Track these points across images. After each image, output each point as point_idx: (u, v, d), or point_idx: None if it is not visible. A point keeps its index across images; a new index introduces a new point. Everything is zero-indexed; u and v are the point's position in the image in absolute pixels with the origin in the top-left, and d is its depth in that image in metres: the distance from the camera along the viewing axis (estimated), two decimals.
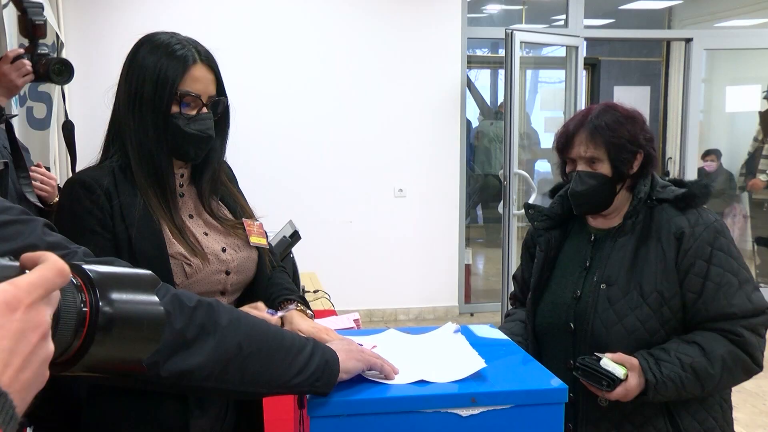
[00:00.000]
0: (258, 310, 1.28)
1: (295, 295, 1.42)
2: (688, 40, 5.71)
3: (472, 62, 7.13)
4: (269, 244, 1.49)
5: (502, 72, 5.46)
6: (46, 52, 1.96)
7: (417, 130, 5.04)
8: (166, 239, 1.27)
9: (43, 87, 3.63)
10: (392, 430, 1.04)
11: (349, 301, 3.96)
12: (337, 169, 4.96)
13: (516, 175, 4.66)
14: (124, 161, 1.28)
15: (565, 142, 1.55)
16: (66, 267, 0.53)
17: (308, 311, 1.38)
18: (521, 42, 4.76)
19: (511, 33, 4.62)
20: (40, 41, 1.95)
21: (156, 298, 0.62)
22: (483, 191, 7.83)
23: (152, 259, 1.23)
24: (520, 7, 7.49)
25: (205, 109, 1.31)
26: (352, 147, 4.98)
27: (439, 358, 1.17)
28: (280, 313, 1.32)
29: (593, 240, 1.58)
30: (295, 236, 2.26)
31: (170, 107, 1.27)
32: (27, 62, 1.94)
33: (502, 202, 4.68)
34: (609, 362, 1.38)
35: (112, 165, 1.28)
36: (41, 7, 1.94)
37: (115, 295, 0.58)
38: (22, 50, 1.96)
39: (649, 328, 1.46)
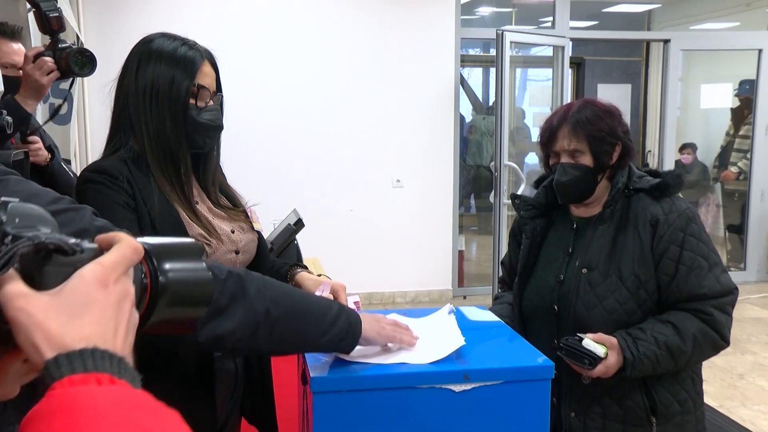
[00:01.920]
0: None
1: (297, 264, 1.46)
2: (666, 41, 5.69)
3: (465, 61, 7.08)
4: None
5: (493, 70, 5.43)
6: (67, 45, 1.80)
7: (414, 125, 5.02)
8: (185, 222, 1.27)
9: (64, 84, 3.58)
10: (390, 404, 1.04)
11: (350, 284, 3.92)
12: (338, 161, 4.95)
13: (506, 167, 4.64)
14: (135, 153, 1.27)
15: (549, 136, 1.54)
16: (139, 245, 0.56)
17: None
18: (511, 42, 4.72)
19: (502, 34, 4.59)
20: (60, 35, 1.80)
21: (204, 265, 0.64)
22: (475, 182, 7.81)
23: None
24: (510, 9, 7.44)
25: (211, 102, 1.31)
26: (353, 140, 4.96)
27: (424, 340, 1.16)
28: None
29: (575, 228, 1.58)
30: (299, 224, 2.24)
31: (188, 100, 1.27)
32: (49, 59, 1.78)
33: (493, 192, 4.66)
34: (590, 342, 1.38)
35: (123, 156, 1.26)
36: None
37: (169, 265, 0.60)
38: (41, 47, 1.82)
39: (627, 309, 1.46)
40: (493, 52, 4.82)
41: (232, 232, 1.35)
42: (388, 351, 1.11)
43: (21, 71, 1.97)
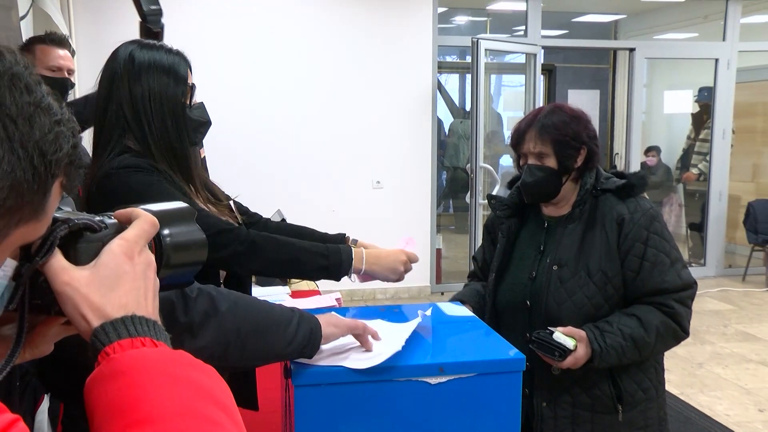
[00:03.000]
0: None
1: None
2: (632, 50, 5.76)
3: (442, 68, 7.11)
4: None
5: (469, 76, 5.46)
6: None
7: (393, 128, 5.02)
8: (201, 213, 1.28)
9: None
10: (369, 396, 1.04)
11: (332, 281, 3.94)
12: (322, 162, 4.93)
13: (482, 169, 4.67)
14: (137, 154, 1.27)
15: (517, 138, 1.57)
16: (155, 219, 0.59)
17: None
18: (486, 50, 4.75)
19: (477, 42, 4.61)
20: None
21: (197, 226, 0.67)
22: (453, 183, 7.83)
23: None
24: (485, 18, 7.48)
25: (195, 100, 1.34)
26: (335, 143, 4.95)
27: (376, 345, 1.11)
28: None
29: (546, 226, 1.60)
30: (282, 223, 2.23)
31: (185, 101, 1.30)
32: None
33: (469, 192, 4.69)
34: (560, 335, 1.39)
35: (128, 159, 1.26)
36: (161, 14, 1.88)
37: (168, 230, 0.63)
38: None
39: (595, 303, 1.48)
40: (469, 59, 4.85)
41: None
42: (337, 354, 1.08)
43: (68, 74, 2.18)
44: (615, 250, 1.48)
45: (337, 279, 1.34)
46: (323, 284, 2.99)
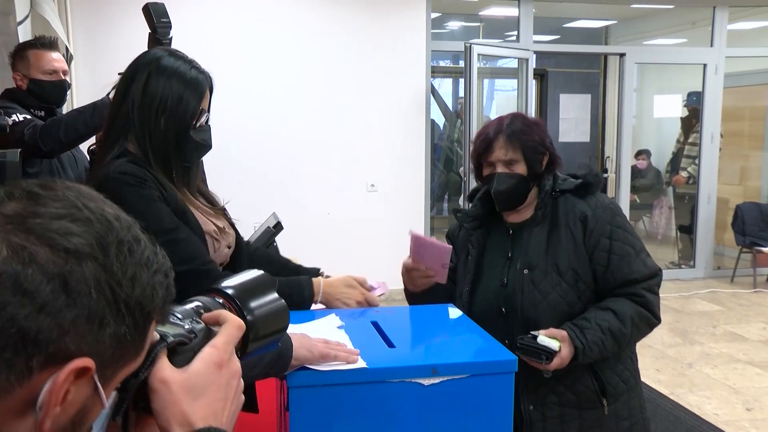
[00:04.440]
0: (362, 283, 1.44)
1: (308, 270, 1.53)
2: (622, 55, 5.80)
3: (435, 72, 7.12)
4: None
5: (462, 81, 5.47)
6: None
7: (387, 132, 5.03)
8: (200, 220, 1.29)
9: None
10: (363, 397, 1.05)
11: None
12: (316, 166, 4.93)
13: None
14: (134, 159, 1.26)
15: (486, 147, 1.56)
16: (242, 323, 0.63)
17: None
18: (479, 54, 4.77)
19: (470, 46, 4.63)
20: None
21: (277, 295, 0.70)
22: (446, 186, 7.85)
23: (195, 238, 1.26)
24: (478, 24, 7.50)
25: (203, 122, 1.32)
26: (330, 146, 4.95)
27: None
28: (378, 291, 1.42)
29: (511, 233, 1.61)
30: (278, 227, 2.24)
31: (192, 121, 1.29)
32: None
33: (462, 196, 4.70)
34: (544, 338, 1.41)
35: (131, 160, 1.25)
36: (170, 26, 1.92)
37: (252, 303, 0.66)
38: None
39: (569, 301, 1.50)
40: (461, 63, 4.86)
41: (223, 228, 1.37)
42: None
43: (63, 75, 2.20)
44: (582, 246, 1.51)
45: (304, 310, 1.36)
46: None
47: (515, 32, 5.60)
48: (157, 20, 1.89)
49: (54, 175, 2.21)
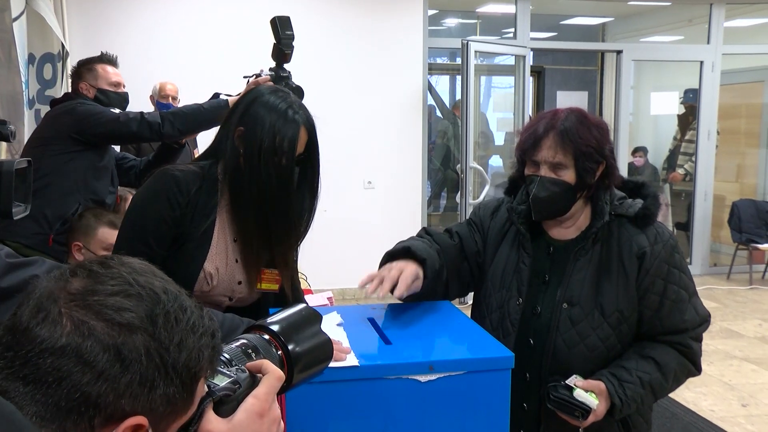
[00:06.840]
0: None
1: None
2: (619, 52, 5.80)
3: (432, 69, 7.11)
4: (297, 281, 1.52)
5: (459, 78, 5.47)
6: (287, 74, 2.13)
7: (384, 129, 5.03)
8: (209, 255, 1.30)
9: (50, 91, 3.49)
10: (360, 394, 1.04)
11: (324, 281, 3.94)
12: None
13: (471, 169, 4.68)
14: (215, 175, 1.30)
15: (532, 143, 1.33)
16: (282, 374, 0.68)
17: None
18: (476, 51, 4.77)
19: (467, 44, 4.62)
20: (284, 65, 2.12)
21: (320, 327, 0.75)
22: (443, 183, 7.84)
23: (189, 265, 1.28)
24: (475, 21, 7.50)
25: (284, 161, 1.36)
26: (327, 143, 4.88)
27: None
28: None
29: (551, 252, 1.40)
30: None
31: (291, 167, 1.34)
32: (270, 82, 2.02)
33: (459, 192, 4.70)
34: (581, 393, 1.26)
35: (206, 171, 1.30)
36: (293, 38, 2.09)
37: (295, 338, 0.71)
38: (269, 79, 2.11)
39: (609, 345, 1.34)
40: (459, 61, 4.86)
41: (239, 283, 1.36)
42: None
43: (123, 89, 2.59)
44: (633, 286, 1.33)
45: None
46: (315, 284, 2.98)
47: (512, 29, 5.60)
48: (282, 33, 2.06)
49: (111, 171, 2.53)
